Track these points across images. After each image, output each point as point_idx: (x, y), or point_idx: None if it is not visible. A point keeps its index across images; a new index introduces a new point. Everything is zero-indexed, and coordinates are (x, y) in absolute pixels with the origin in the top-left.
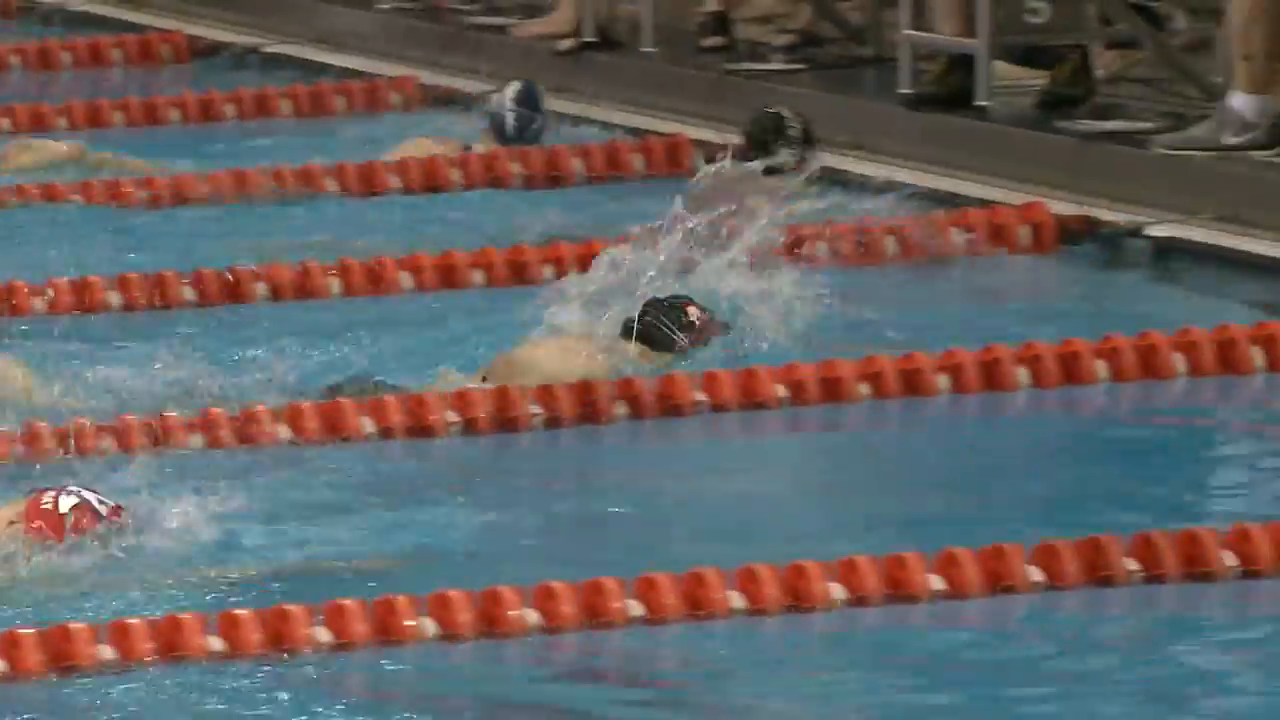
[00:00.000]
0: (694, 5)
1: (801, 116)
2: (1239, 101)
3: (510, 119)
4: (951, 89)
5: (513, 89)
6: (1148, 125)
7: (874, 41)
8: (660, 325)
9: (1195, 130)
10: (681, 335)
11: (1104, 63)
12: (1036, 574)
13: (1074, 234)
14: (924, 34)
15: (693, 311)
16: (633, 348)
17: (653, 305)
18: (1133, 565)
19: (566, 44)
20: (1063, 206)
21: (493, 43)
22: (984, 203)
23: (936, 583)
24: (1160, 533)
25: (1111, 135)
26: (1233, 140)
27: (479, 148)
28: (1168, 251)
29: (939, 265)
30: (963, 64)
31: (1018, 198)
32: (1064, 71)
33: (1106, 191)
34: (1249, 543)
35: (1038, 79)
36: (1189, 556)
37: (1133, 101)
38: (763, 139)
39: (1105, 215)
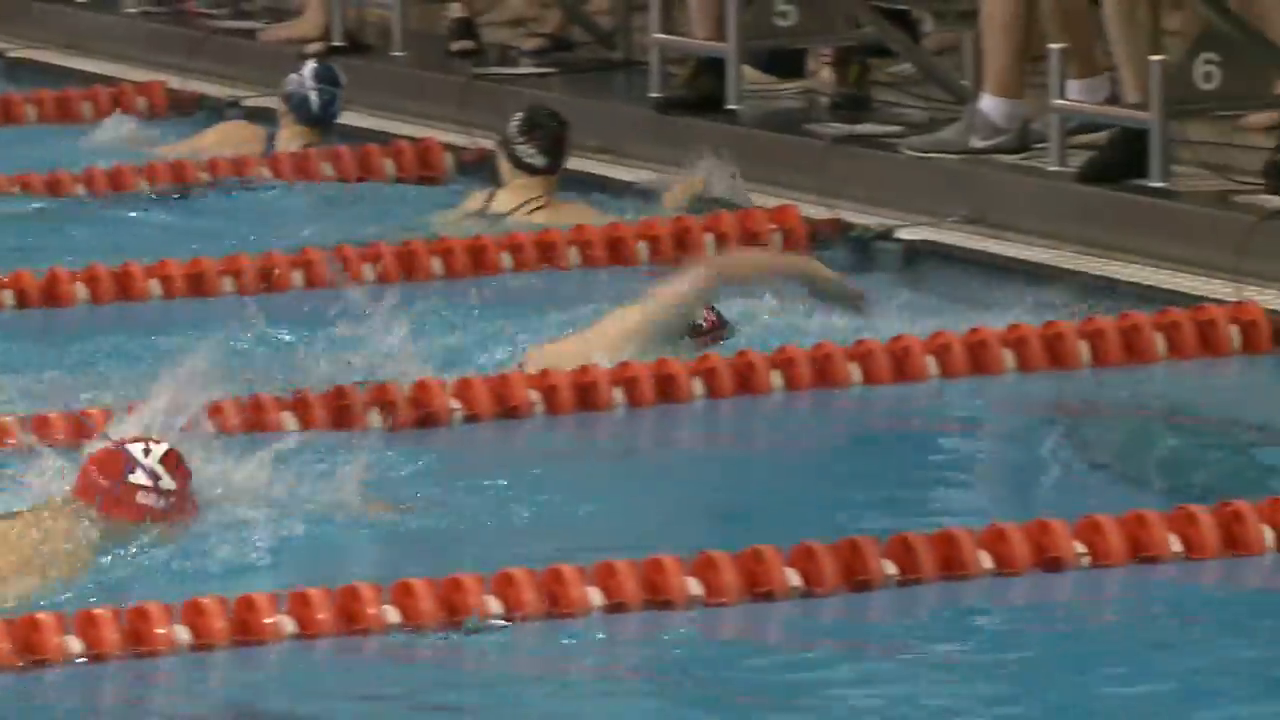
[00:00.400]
0: (443, 10)
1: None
2: (989, 105)
3: (314, 97)
4: (701, 92)
5: (310, 68)
6: (896, 128)
7: (623, 45)
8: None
9: (944, 133)
10: (686, 338)
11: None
12: (795, 578)
13: (824, 237)
14: (673, 37)
15: (700, 313)
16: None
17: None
18: (890, 568)
19: (314, 48)
20: (814, 210)
21: (241, 47)
22: (733, 206)
23: (695, 587)
24: (917, 535)
25: (861, 138)
26: (981, 144)
27: (284, 134)
28: (917, 254)
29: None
30: (712, 68)
31: (769, 201)
32: (853, 74)
33: (857, 194)
34: (1004, 543)
35: (787, 84)
36: (946, 558)
37: (882, 105)
38: None
39: (855, 218)
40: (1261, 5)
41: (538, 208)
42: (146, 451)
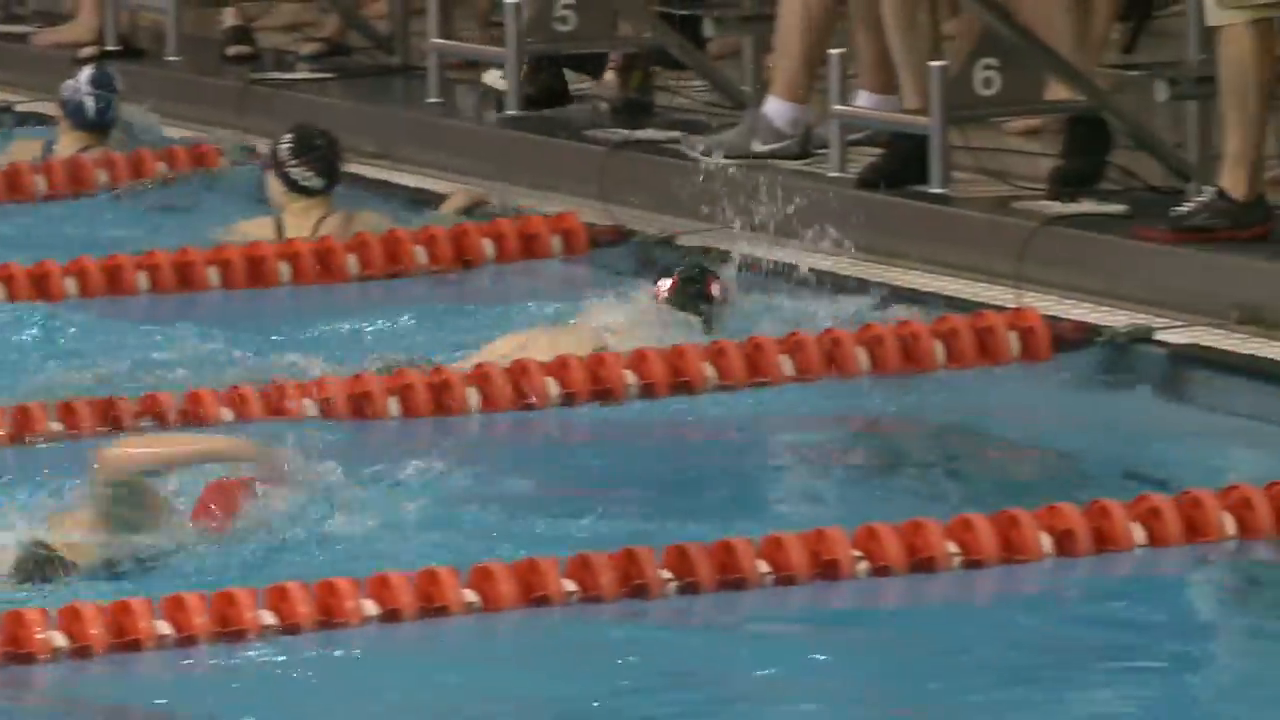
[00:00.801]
0: (217, 15)
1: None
2: (773, 108)
3: (90, 103)
4: (541, 88)
5: (86, 74)
6: (678, 134)
7: (401, 50)
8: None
9: (726, 136)
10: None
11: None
12: (570, 585)
13: (605, 243)
14: (451, 42)
15: (715, 288)
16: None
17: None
18: (666, 575)
19: (87, 52)
20: (595, 215)
21: (13, 52)
22: (518, 213)
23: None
24: (695, 544)
25: (641, 144)
26: (762, 148)
27: (62, 140)
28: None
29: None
30: (550, 64)
31: (552, 207)
32: (637, 79)
33: (637, 201)
34: (782, 550)
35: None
36: (724, 565)
37: (663, 110)
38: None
39: (636, 224)
40: (1035, 11)
41: (325, 223)
42: None
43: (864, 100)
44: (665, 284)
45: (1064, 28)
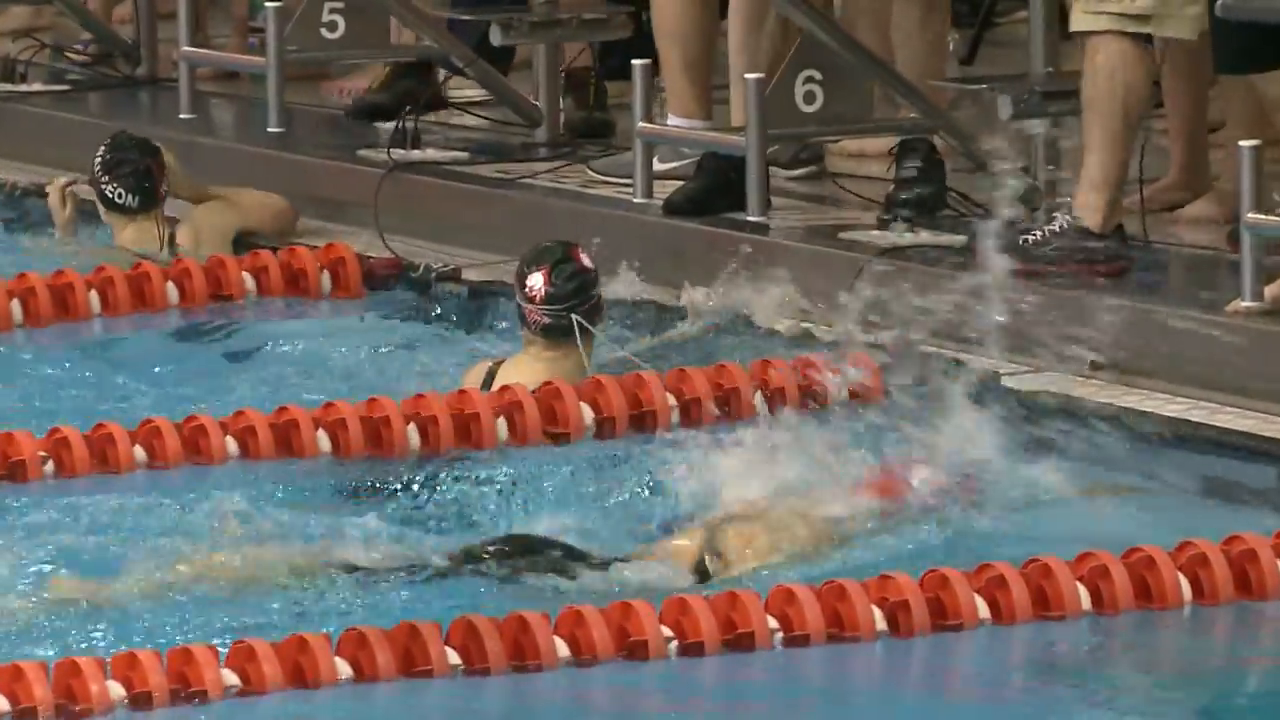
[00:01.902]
0: None
1: None
2: (673, 125)
3: None
4: (399, 94)
5: None
6: (463, 154)
7: (149, 60)
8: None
9: (625, 157)
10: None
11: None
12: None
13: (381, 276)
14: (204, 51)
15: (586, 258)
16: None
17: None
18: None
19: None
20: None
21: None
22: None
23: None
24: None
25: (421, 166)
26: (662, 167)
27: None
28: (483, 295)
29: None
30: (411, 70)
31: (323, 234)
32: (593, 95)
33: (418, 229)
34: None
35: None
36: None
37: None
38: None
39: (419, 255)
40: (877, 23)
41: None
42: None
43: (674, 122)
44: (537, 280)
45: (920, 44)
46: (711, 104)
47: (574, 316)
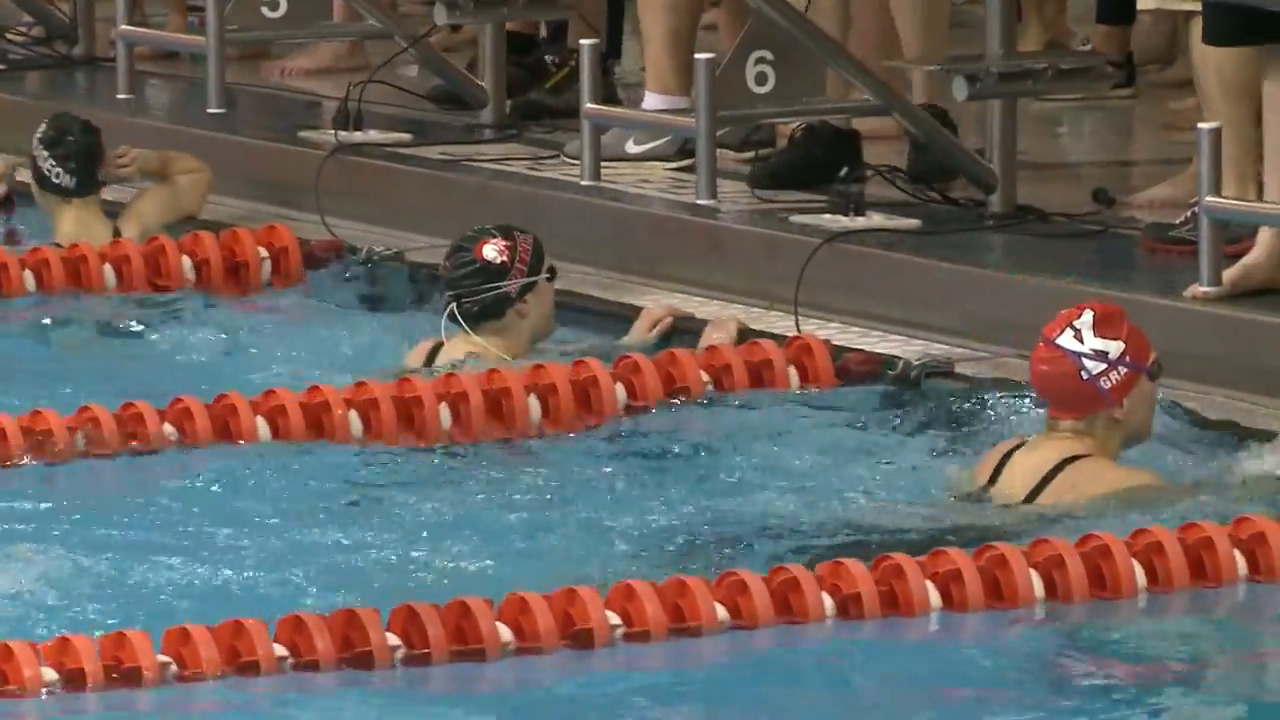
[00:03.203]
0: None
1: None
2: (650, 104)
3: None
4: None
5: None
6: (407, 137)
7: (85, 40)
8: (478, 293)
9: (604, 138)
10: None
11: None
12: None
13: (322, 259)
14: (143, 30)
15: (491, 250)
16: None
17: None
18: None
19: None
20: (313, 229)
21: None
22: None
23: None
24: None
25: (366, 148)
26: (636, 149)
27: None
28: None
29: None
30: None
31: (264, 217)
32: (556, 78)
33: (363, 212)
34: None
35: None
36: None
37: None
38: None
39: (361, 238)
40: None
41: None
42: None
43: (650, 103)
44: (492, 250)
45: (921, 19)
46: (689, 81)
47: (451, 305)
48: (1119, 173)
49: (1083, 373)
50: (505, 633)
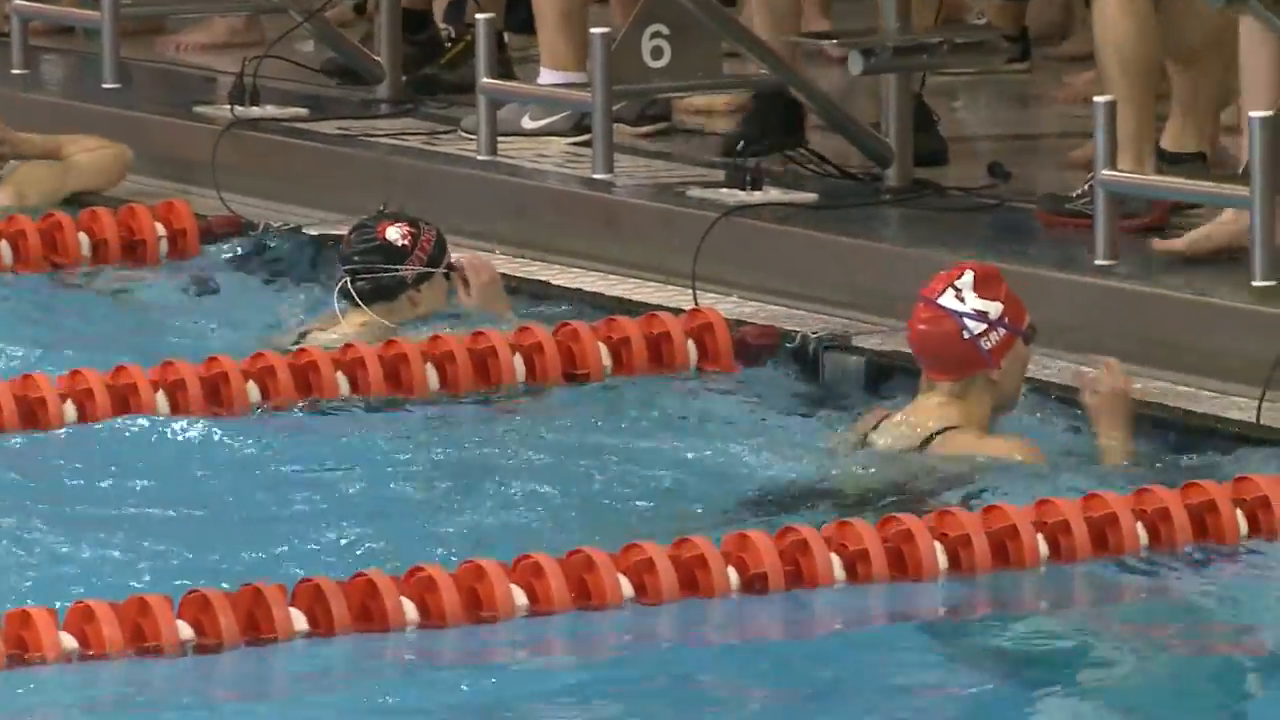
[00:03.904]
0: None
1: None
2: (545, 80)
3: None
4: None
5: None
6: (303, 111)
7: None
8: (374, 271)
9: (500, 113)
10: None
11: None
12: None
13: (221, 235)
14: (38, 4)
15: (395, 232)
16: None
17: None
18: (301, 621)
19: None
20: (211, 204)
21: None
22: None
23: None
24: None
25: (262, 123)
26: (532, 125)
27: None
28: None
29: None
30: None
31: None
32: (452, 53)
33: (259, 188)
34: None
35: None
36: (363, 608)
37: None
38: None
39: (258, 213)
40: None
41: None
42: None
43: (545, 79)
44: (396, 232)
45: None
46: (584, 57)
47: (345, 280)
48: (1014, 147)
49: (964, 332)
50: (410, 609)
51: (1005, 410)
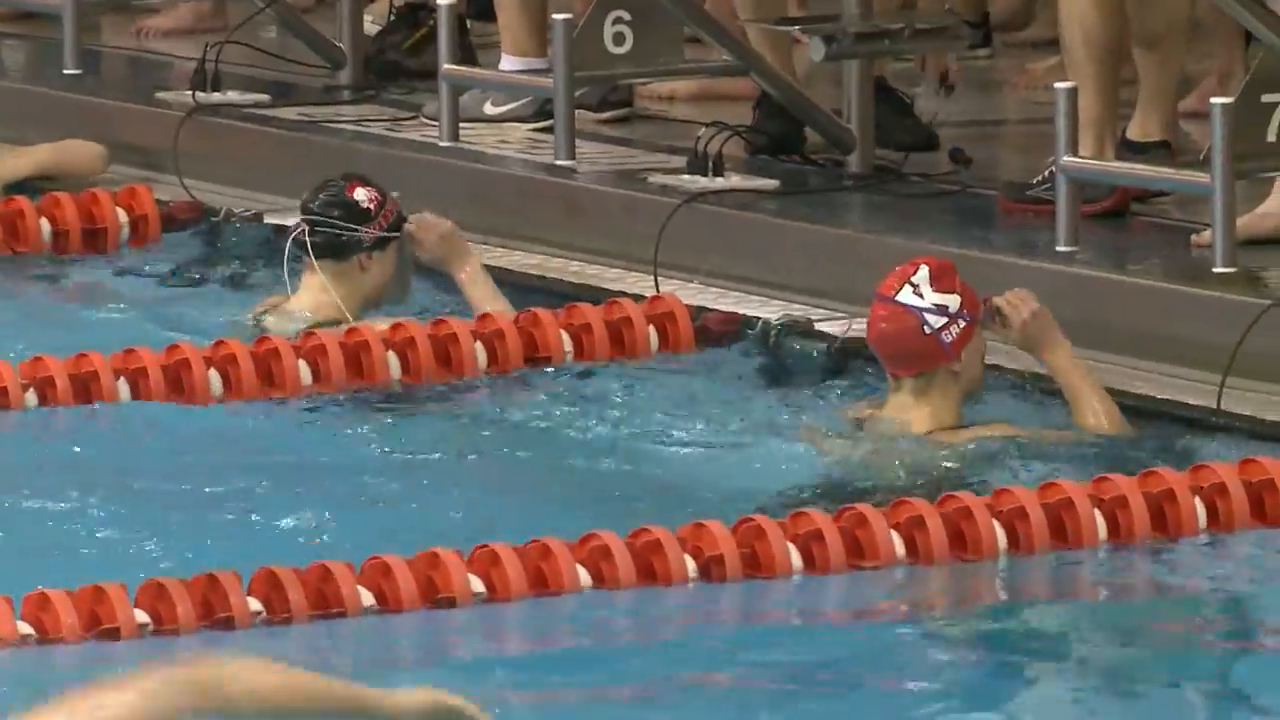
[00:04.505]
0: None
1: None
2: (507, 66)
3: None
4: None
5: None
6: (264, 98)
7: None
8: (333, 227)
9: (462, 99)
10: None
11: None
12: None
13: (182, 221)
14: None
15: (362, 193)
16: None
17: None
18: (255, 605)
19: None
20: (171, 191)
21: None
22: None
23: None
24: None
25: (224, 109)
26: (494, 111)
27: None
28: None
29: None
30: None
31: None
32: (414, 38)
33: (218, 174)
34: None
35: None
36: (319, 594)
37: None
38: None
39: (216, 199)
40: None
41: None
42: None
43: (506, 65)
44: (363, 194)
45: None
46: (545, 43)
47: (303, 228)
48: (976, 133)
49: (925, 328)
50: (367, 596)
51: (974, 396)
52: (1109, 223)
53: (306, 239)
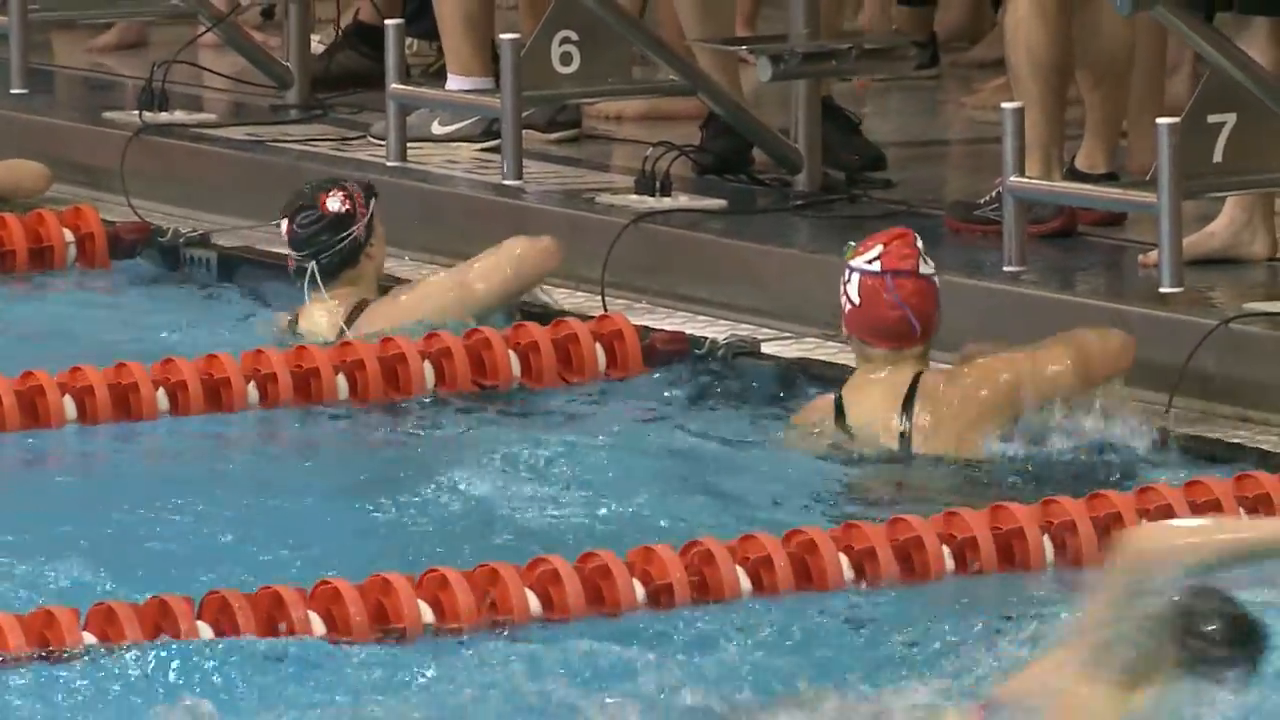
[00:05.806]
0: None
1: None
2: (453, 86)
3: None
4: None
5: None
6: (211, 117)
7: None
8: (335, 246)
9: (410, 118)
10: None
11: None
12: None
13: (129, 243)
14: None
15: (334, 201)
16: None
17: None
18: (206, 630)
19: None
20: (118, 211)
21: None
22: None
23: None
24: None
25: (168, 129)
26: (441, 130)
27: None
28: (234, 262)
29: None
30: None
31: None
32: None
33: (167, 195)
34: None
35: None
36: (270, 616)
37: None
38: None
39: (165, 219)
40: None
41: None
42: None
43: (452, 85)
44: (284, 227)
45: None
46: (490, 62)
47: (311, 265)
48: (922, 153)
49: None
50: (318, 624)
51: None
52: (1057, 243)
53: (317, 272)
